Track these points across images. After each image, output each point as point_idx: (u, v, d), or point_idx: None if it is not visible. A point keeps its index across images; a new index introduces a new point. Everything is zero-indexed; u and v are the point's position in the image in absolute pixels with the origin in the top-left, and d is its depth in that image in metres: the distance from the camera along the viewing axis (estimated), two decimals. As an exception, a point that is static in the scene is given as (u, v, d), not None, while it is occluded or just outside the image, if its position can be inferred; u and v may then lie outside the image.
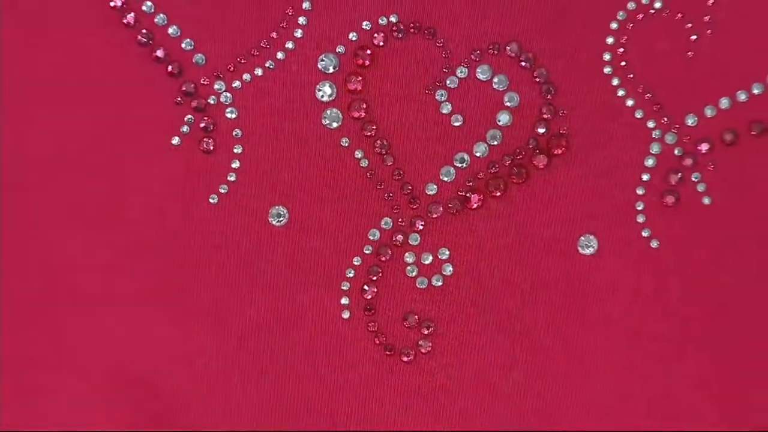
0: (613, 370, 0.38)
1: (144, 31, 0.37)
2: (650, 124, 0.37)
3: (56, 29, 0.37)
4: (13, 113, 0.37)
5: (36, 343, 0.37)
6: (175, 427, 0.38)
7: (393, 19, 0.37)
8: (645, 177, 0.37)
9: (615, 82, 0.37)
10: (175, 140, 0.37)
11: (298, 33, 0.37)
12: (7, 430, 0.37)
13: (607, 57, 0.37)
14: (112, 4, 0.36)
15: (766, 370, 0.38)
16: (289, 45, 0.37)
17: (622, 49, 0.37)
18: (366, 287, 0.38)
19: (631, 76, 0.37)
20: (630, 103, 0.37)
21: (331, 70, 0.37)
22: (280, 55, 0.37)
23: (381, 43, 0.37)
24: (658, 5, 0.37)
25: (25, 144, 0.37)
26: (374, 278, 0.38)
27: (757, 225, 0.37)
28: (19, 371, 0.38)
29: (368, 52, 0.37)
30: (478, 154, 0.37)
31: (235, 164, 0.37)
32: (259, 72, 0.37)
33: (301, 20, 0.37)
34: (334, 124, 0.37)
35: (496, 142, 0.37)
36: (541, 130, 0.37)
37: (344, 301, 0.38)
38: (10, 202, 0.37)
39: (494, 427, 0.38)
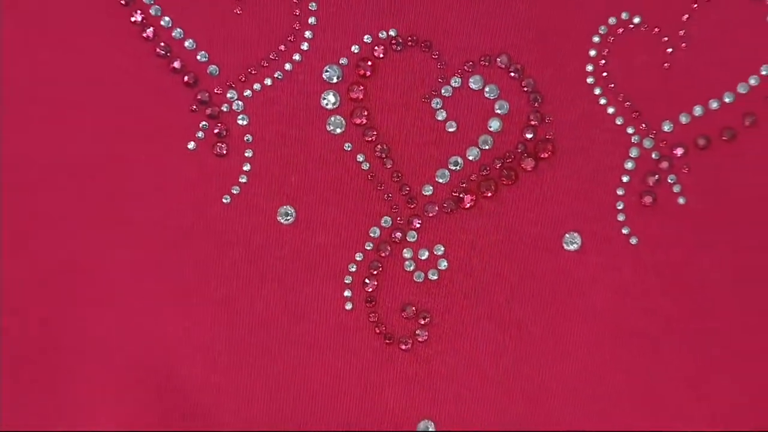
0: (596, 362, 0.38)
1: (162, 44, 0.37)
2: (629, 130, 0.38)
3: (79, 38, 0.37)
4: (31, 116, 0.37)
5: (36, 343, 0.37)
6: (180, 427, 0.37)
7: (392, 33, 0.38)
8: (625, 179, 0.38)
9: (597, 91, 0.38)
10: (191, 145, 0.37)
11: (305, 46, 0.37)
12: (7, 430, 0.37)
13: (589, 68, 0.38)
14: (132, 19, 0.37)
15: (752, 372, 0.38)
16: (296, 57, 0.37)
17: (603, 61, 0.38)
18: (367, 281, 0.38)
19: (612, 85, 0.38)
20: (611, 110, 0.38)
21: (335, 80, 0.38)
22: (287, 67, 0.37)
23: (381, 55, 0.38)
24: (636, 20, 0.38)
25: (44, 146, 0.37)
26: (375, 272, 0.38)
27: (728, 223, 0.38)
28: (19, 371, 0.37)
29: (369, 63, 0.38)
30: (470, 158, 0.38)
31: (246, 167, 0.38)
32: (268, 82, 0.38)
33: (307, 34, 0.37)
34: (338, 130, 0.38)
35: (487, 147, 0.38)
36: (529, 136, 0.38)
37: (347, 293, 0.38)
38: (17, 203, 0.37)
39: (485, 408, 0.38)
